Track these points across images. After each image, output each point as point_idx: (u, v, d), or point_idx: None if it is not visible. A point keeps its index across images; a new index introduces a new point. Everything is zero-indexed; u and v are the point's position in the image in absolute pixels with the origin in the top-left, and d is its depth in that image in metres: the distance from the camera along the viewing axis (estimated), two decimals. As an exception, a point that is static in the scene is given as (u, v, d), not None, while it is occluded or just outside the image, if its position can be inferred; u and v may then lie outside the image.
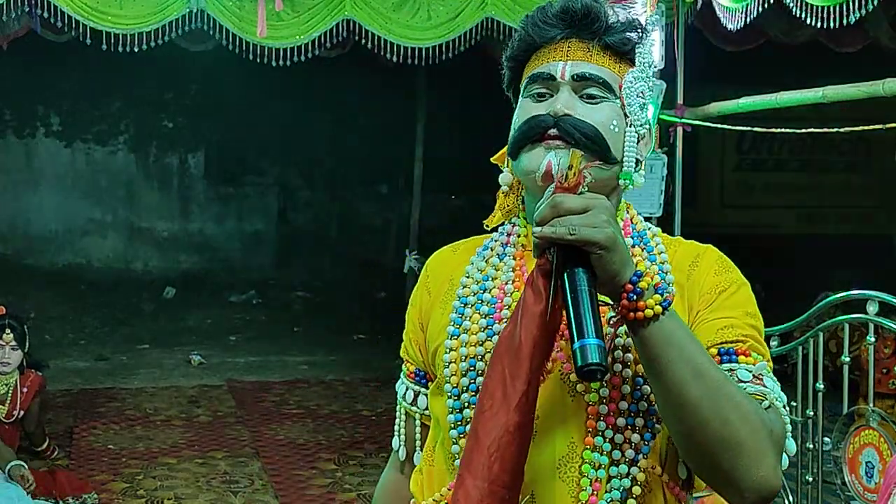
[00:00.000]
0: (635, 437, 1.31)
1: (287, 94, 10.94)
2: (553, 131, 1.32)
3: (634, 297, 1.20)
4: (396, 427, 1.58)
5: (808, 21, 4.42)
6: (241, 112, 11.39)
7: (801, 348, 4.05)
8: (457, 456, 1.36)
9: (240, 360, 8.86)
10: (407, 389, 1.55)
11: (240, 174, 12.09)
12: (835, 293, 4.09)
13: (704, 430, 1.20)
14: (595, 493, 1.31)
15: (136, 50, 5.66)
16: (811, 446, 3.91)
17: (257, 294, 11.40)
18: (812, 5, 4.41)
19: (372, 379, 8.04)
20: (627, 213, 1.46)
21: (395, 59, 6.09)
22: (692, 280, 1.38)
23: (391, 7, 5.86)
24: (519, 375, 1.20)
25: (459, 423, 1.38)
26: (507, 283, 1.41)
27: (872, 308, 3.59)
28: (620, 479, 1.31)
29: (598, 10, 1.39)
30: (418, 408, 1.54)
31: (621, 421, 1.31)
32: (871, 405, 3.77)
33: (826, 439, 3.91)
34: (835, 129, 4.80)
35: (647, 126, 1.41)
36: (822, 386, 3.82)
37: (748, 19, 4.85)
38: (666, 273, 1.38)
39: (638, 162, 1.41)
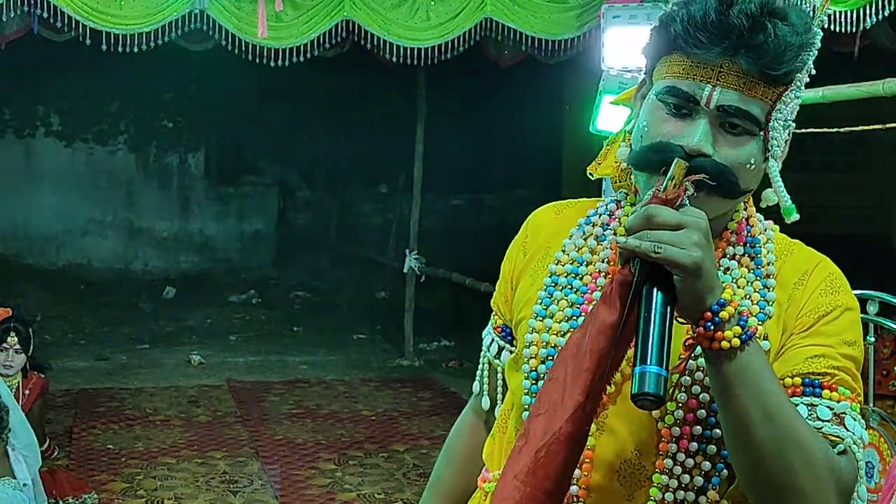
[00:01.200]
0: (706, 465, 1.26)
1: (287, 94, 10.95)
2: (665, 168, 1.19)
3: (712, 327, 1.13)
4: (479, 374, 1.54)
5: (829, 26, 4.40)
6: (241, 112, 11.40)
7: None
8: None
9: (240, 360, 8.86)
10: (493, 341, 1.51)
11: (240, 174, 12.10)
12: (835, 293, 4.08)
13: (765, 472, 1.16)
14: None
15: (136, 50, 5.66)
16: (811, 446, 3.90)
17: (257, 294, 11.40)
18: (832, 9, 4.38)
19: (372, 379, 8.04)
20: (745, 211, 1.37)
21: (394, 59, 6.09)
22: (793, 299, 1.30)
23: (390, 7, 5.86)
24: (579, 385, 1.16)
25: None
26: (600, 274, 1.35)
27: (872, 308, 3.59)
28: None
29: (768, 34, 1.19)
30: (501, 362, 1.49)
31: (693, 445, 1.26)
32: (872, 405, 3.76)
33: (826, 439, 3.91)
34: (835, 129, 4.80)
35: (783, 145, 1.30)
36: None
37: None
38: (768, 290, 1.30)
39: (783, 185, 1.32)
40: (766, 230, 1.38)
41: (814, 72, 1.27)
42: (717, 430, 1.25)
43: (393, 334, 9.42)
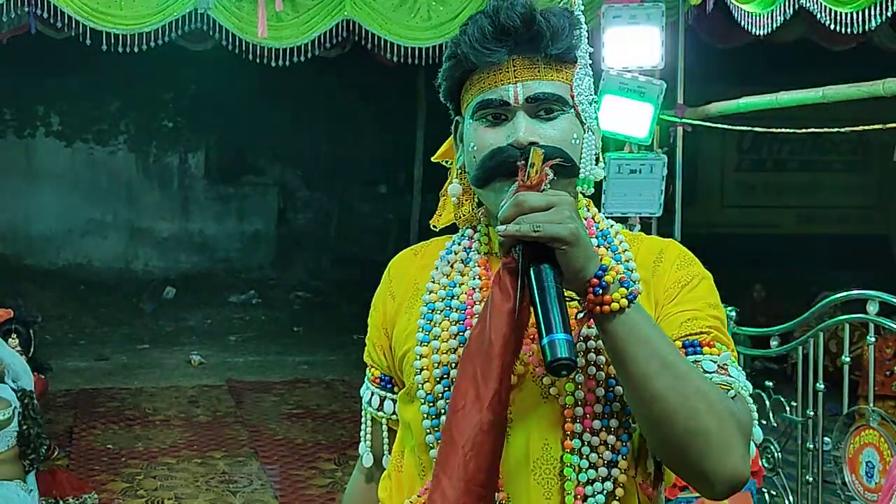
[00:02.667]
0: (611, 439, 1.31)
1: (287, 94, 10.95)
2: (521, 163, 1.27)
3: (600, 291, 1.20)
4: (362, 433, 1.57)
5: (835, 28, 4.40)
6: (241, 112, 11.40)
7: (801, 348, 4.05)
8: (432, 461, 1.35)
9: (240, 360, 8.87)
10: (372, 395, 1.54)
11: (240, 174, 12.10)
12: (835, 293, 4.09)
13: (673, 422, 1.21)
14: (578, 496, 1.31)
15: (136, 50, 5.66)
16: (811, 446, 3.91)
17: (257, 294, 11.40)
18: (833, 10, 4.38)
19: (372, 379, 8.04)
20: (588, 211, 1.45)
21: (395, 58, 6.09)
22: (657, 276, 1.38)
23: (391, 7, 5.86)
24: (490, 374, 1.21)
25: (436, 428, 1.37)
26: (474, 291, 1.40)
27: (872, 308, 3.59)
28: (602, 483, 1.31)
29: (539, 24, 1.33)
30: (385, 413, 1.52)
31: (597, 423, 1.31)
32: (872, 405, 3.77)
33: (826, 439, 3.91)
34: (835, 130, 4.80)
35: (595, 119, 1.40)
36: (822, 386, 3.82)
37: (774, 25, 4.82)
38: (631, 271, 1.37)
39: (597, 160, 1.40)
40: (611, 225, 1.46)
41: (592, 49, 1.40)
42: (618, 404, 1.31)
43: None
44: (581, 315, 1.24)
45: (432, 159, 1.59)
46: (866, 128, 4.32)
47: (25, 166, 11.42)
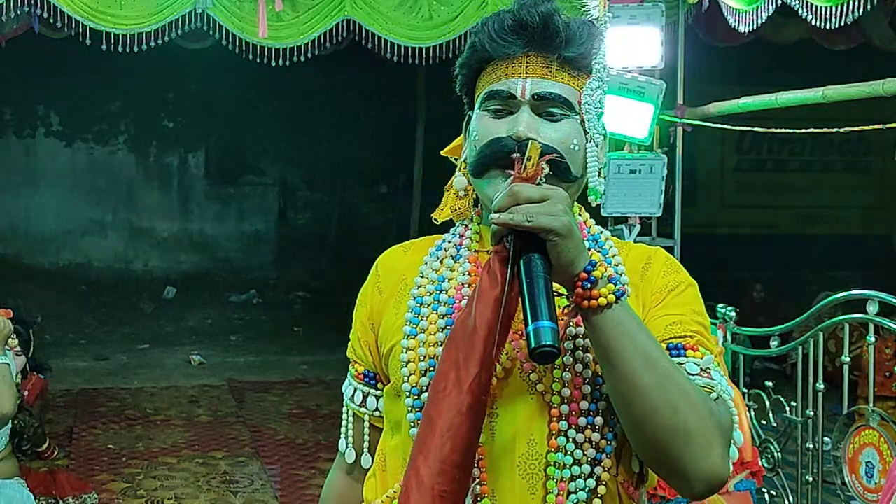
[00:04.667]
0: (596, 437, 1.32)
1: (287, 94, 10.95)
2: (515, 155, 1.30)
3: (588, 286, 1.22)
4: (343, 429, 1.58)
5: (814, 22, 4.42)
6: (241, 112, 11.40)
7: (801, 348, 4.05)
8: None
9: (240, 360, 8.87)
10: (355, 391, 1.54)
11: (240, 174, 12.10)
12: (835, 293, 4.09)
13: (654, 418, 1.22)
14: (561, 493, 1.32)
15: (136, 50, 5.66)
16: (811, 446, 3.91)
17: (257, 294, 11.41)
18: (816, 6, 4.40)
19: (372, 379, 8.04)
20: (580, 216, 1.46)
21: (394, 58, 6.09)
22: (645, 280, 1.40)
23: (391, 7, 5.86)
24: (472, 358, 1.22)
25: (420, 421, 1.35)
26: (463, 286, 1.41)
27: (872, 308, 3.59)
28: (585, 480, 1.32)
29: (557, 24, 1.36)
30: (367, 409, 1.53)
31: (582, 421, 1.32)
32: (872, 405, 3.77)
33: (826, 439, 3.91)
34: (835, 130, 4.80)
35: (603, 133, 1.41)
36: (822, 386, 3.82)
37: (760, 21, 4.84)
38: (620, 274, 1.39)
39: (599, 172, 1.41)
40: (602, 231, 1.48)
41: (610, 68, 1.43)
42: (603, 402, 1.32)
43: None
44: (568, 308, 1.25)
45: (441, 153, 1.60)
46: (866, 128, 4.32)
47: (25, 166, 11.42)
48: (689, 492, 1.27)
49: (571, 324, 1.29)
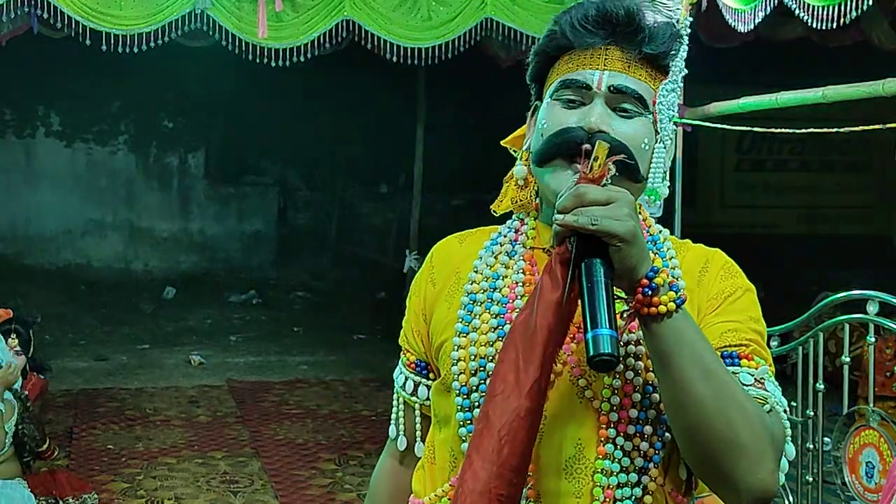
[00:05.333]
0: (644, 445, 1.32)
1: (287, 94, 10.94)
2: (586, 146, 1.27)
3: (649, 293, 1.20)
4: (394, 416, 1.57)
5: (810, 23, 4.43)
6: (241, 112, 11.39)
7: (801, 348, 4.05)
8: (463, 454, 1.35)
9: (240, 360, 8.87)
10: (407, 379, 1.54)
11: (240, 174, 12.09)
12: (835, 293, 4.09)
13: (708, 430, 1.21)
14: (607, 500, 1.31)
15: (136, 50, 5.66)
16: (811, 446, 3.91)
17: (257, 294, 11.40)
18: (812, 6, 4.41)
19: (372, 379, 8.04)
20: (640, 214, 1.43)
21: (394, 59, 6.09)
22: (701, 286, 1.39)
23: (391, 7, 5.86)
24: (532, 361, 1.21)
25: (469, 421, 1.37)
26: (517, 284, 1.40)
27: (872, 308, 3.59)
28: (632, 488, 1.32)
29: (641, 19, 1.35)
30: (419, 398, 1.52)
31: (631, 428, 1.31)
32: (872, 405, 3.77)
33: (826, 439, 3.91)
34: (835, 130, 4.80)
35: (671, 136, 1.40)
36: (822, 386, 3.82)
37: (757, 20, 4.84)
38: (677, 278, 1.37)
39: (664, 175, 1.40)
40: (661, 231, 1.46)
41: (686, 72, 1.42)
42: (653, 411, 1.31)
43: (393, 334, 9.35)
44: (627, 314, 1.24)
45: (501, 143, 1.56)
46: (866, 128, 4.32)
47: (25, 166, 11.41)
48: None
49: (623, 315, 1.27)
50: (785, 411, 1.32)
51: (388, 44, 5.94)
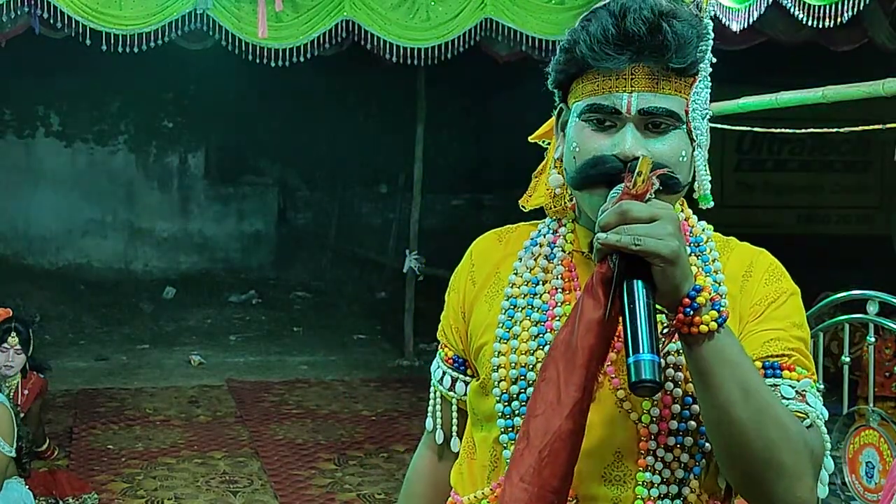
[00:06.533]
0: (685, 457, 1.31)
1: (287, 94, 10.94)
2: (627, 174, 1.23)
3: (691, 312, 1.18)
4: (431, 408, 1.56)
5: (805, 21, 4.43)
6: (241, 112, 11.39)
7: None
8: (505, 459, 1.36)
9: (239, 360, 8.86)
10: (445, 374, 1.53)
11: (240, 174, 12.09)
12: (835, 293, 4.09)
13: (748, 450, 1.20)
14: None
15: (136, 50, 5.66)
16: (811, 446, 3.90)
17: (257, 294, 11.40)
18: (809, 4, 4.41)
19: (372, 379, 8.04)
20: (683, 213, 1.42)
21: (394, 59, 6.09)
22: (745, 291, 1.36)
23: (390, 7, 5.86)
24: (574, 382, 1.19)
25: (510, 429, 1.37)
26: (557, 291, 1.39)
27: (872, 308, 3.59)
28: (672, 500, 1.31)
29: (665, 33, 1.26)
30: (456, 393, 1.51)
31: (671, 440, 1.30)
32: (872, 405, 3.76)
33: (826, 439, 3.91)
34: (835, 130, 4.80)
35: (706, 132, 1.35)
36: (822, 386, 3.82)
37: (750, 20, 4.86)
38: (720, 284, 1.35)
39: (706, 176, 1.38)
40: (704, 230, 1.44)
41: (714, 60, 1.35)
42: (693, 422, 1.30)
43: (393, 334, 9.41)
44: (667, 331, 1.22)
45: (529, 139, 1.55)
46: (866, 128, 4.32)
47: (25, 166, 11.41)
48: None
49: (664, 332, 1.25)
50: (826, 424, 1.31)
51: (387, 44, 5.95)
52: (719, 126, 5.47)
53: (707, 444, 1.31)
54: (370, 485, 5.45)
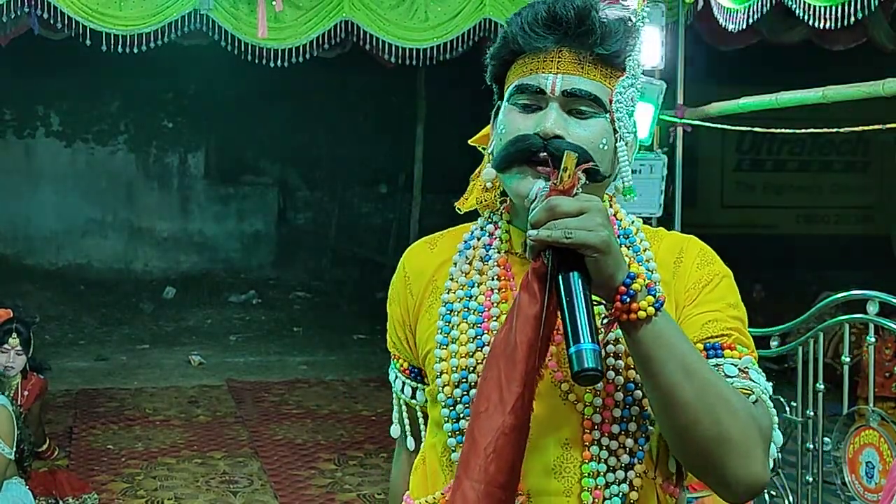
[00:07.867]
0: (629, 442, 1.33)
1: (287, 94, 10.95)
2: (543, 154, 1.29)
3: (628, 300, 1.20)
4: (397, 417, 1.57)
5: (811, 22, 4.43)
6: (241, 112, 11.40)
7: (801, 348, 4.05)
8: (453, 462, 1.37)
9: (239, 360, 8.87)
10: (404, 385, 1.54)
11: (240, 174, 12.10)
12: (835, 293, 4.09)
13: (696, 429, 1.22)
14: (596, 500, 1.32)
15: (136, 50, 5.66)
16: (811, 446, 3.91)
17: (257, 294, 11.40)
18: (813, 6, 4.41)
19: (372, 379, 8.03)
20: (611, 207, 1.44)
21: (394, 59, 6.09)
22: (677, 276, 1.38)
23: (388, 8, 5.86)
24: (514, 378, 1.21)
25: (457, 432, 1.38)
26: (492, 292, 1.40)
27: (872, 308, 3.59)
28: (619, 485, 1.33)
29: (592, 20, 1.32)
30: (418, 401, 1.53)
31: (615, 428, 1.32)
32: (872, 405, 3.77)
33: (826, 439, 3.91)
34: (835, 130, 4.80)
35: (633, 131, 1.38)
36: (822, 386, 3.82)
37: (750, 21, 4.85)
38: (652, 272, 1.37)
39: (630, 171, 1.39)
40: (633, 222, 1.45)
41: (659, 65, 1.39)
42: (636, 408, 1.32)
43: (393, 334, 9.40)
44: (606, 321, 1.24)
45: (469, 142, 1.56)
46: (866, 128, 4.32)
47: (25, 166, 11.42)
48: (730, 497, 1.27)
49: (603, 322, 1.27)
50: (770, 398, 1.32)
51: (387, 44, 5.95)
52: (719, 126, 5.49)
53: (651, 427, 1.33)
54: (370, 485, 5.45)
